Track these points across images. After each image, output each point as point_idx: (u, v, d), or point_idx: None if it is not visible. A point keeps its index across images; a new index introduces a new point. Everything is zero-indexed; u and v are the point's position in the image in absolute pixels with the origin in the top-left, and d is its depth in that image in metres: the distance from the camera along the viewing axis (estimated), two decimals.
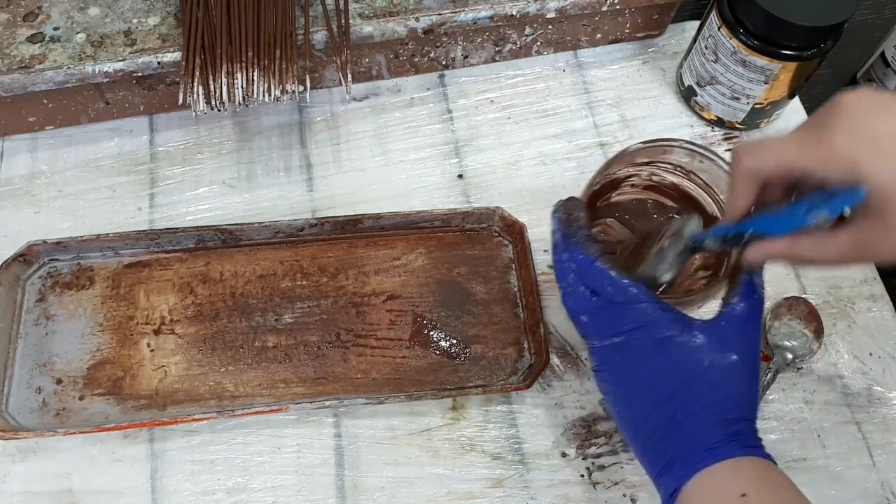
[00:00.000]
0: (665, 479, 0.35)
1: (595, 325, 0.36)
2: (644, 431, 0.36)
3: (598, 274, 0.36)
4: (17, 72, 0.49)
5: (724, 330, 0.35)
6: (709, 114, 0.57)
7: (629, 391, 0.36)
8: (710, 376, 0.34)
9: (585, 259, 0.36)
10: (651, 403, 0.35)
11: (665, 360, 0.35)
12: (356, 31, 0.51)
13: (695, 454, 0.34)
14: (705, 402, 0.34)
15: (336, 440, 0.46)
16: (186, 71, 0.47)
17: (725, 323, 0.36)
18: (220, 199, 0.54)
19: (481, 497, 0.45)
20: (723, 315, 0.36)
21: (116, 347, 0.48)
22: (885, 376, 0.49)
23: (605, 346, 0.36)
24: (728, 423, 0.34)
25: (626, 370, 0.36)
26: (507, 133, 0.57)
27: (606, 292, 0.35)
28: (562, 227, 0.38)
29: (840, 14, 0.47)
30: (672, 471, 0.34)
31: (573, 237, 0.37)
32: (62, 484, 0.45)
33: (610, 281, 0.35)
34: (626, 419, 0.37)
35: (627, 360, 0.36)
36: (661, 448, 0.35)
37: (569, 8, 0.54)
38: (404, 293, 0.50)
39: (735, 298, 0.36)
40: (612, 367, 0.36)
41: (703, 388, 0.34)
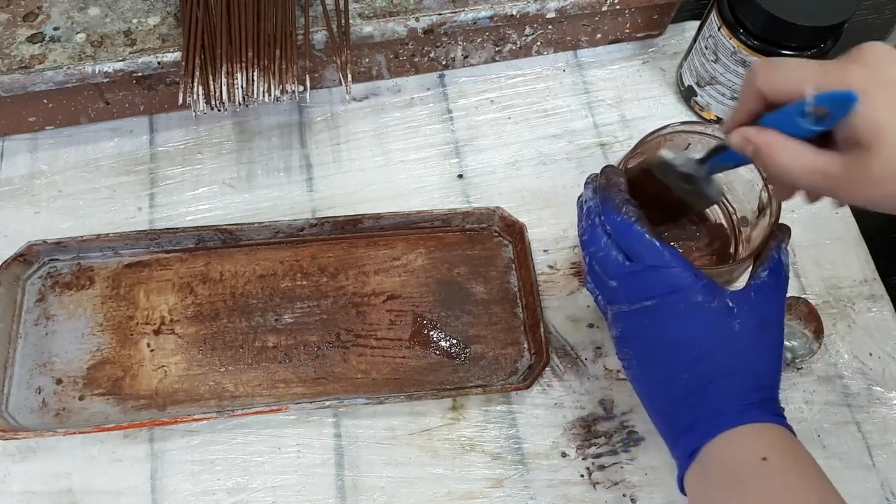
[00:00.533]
0: (685, 439, 0.35)
1: (626, 289, 0.37)
2: (668, 394, 0.36)
3: (635, 236, 0.36)
4: (17, 72, 0.49)
5: (754, 299, 0.36)
6: (709, 114, 0.57)
7: (656, 354, 0.37)
8: (739, 342, 0.35)
9: (624, 221, 0.37)
10: (678, 366, 0.36)
11: (696, 324, 0.35)
12: (356, 31, 0.51)
13: (719, 416, 0.34)
14: (733, 366, 0.35)
15: (336, 440, 0.46)
16: (186, 71, 0.47)
17: (755, 293, 0.36)
18: (220, 199, 0.54)
19: (481, 497, 0.45)
20: (752, 286, 0.37)
21: (116, 347, 0.48)
22: (884, 376, 0.49)
23: (634, 310, 0.37)
24: (754, 389, 0.35)
25: (655, 333, 0.36)
26: (507, 133, 0.57)
27: (642, 255, 0.36)
28: (601, 191, 0.39)
29: (840, 14, 0.47)
30: (694, 431, 0.35)
31: (611, 200, 0.38)
32: (62, 484, 0.45)
33: (647, 244, 0.36)
34: (650, 382, 0.37)
35: (657, 323, 0.36)
36: (684, 409, 0.35)
37: (569, 8, 0.54)
38: (404, 293, 0.50)
39: (764, 272, 0.37)
40: (640, 331, 0.37)
41: (732, 353, 0.35)
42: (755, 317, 0.36)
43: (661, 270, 0.36)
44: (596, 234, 0.38)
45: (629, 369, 0.39)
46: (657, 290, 0.36)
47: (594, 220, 0.39)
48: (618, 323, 0.38)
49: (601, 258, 0.38)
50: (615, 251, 0.37)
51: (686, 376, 0.35)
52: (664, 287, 0.36)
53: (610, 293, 0.38)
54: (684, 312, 0.35)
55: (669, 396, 0.36)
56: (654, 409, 0.38)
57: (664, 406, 0.37)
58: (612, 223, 0.37)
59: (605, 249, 0.37)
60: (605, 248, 0.37)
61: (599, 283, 0.39)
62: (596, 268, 0.39)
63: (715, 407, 0.35)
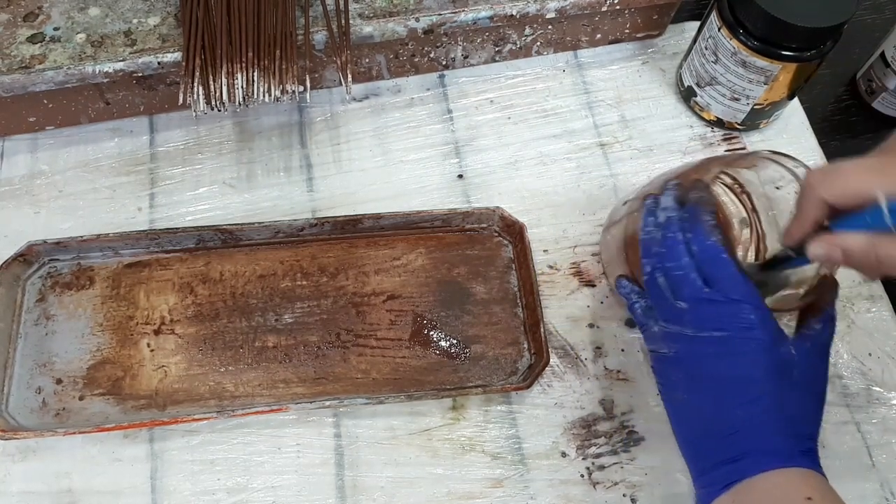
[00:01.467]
0: (724, 470, 0.35)
1: (697, 315, 0.36)
2: (715, 425, 0.36)
3: (723, 266, 0.36)
4: (18, 72, 0.49)
5: (810, 351, 0.37)
6: (708, 114, 0.57)
7: (712, 385, 0.36)
8: (796, 390, 0.36)
9: (715, 246, 0.36)
10: (733, 401, 0.35)
11: (762, 365, 0.35)
12: (356, 31, 0.51)
13: (768, 455, 0.35)
14: (787, 412, 0.35)
15: (336, 440, 0.46)
16: (186, 71, 0.47)
17: (811, 345, 0.37)
18: (221, 199, 0.54)
19: (481, 497, 0.45)
20: (809, 336, 0.37)
21: (116, 347, 0.48)
22: (884, 376, 0.49)
23: (701, 337, 0.36)
24: (804, 437, 0.36)
25: (717, 365, 0.36)
26: (507, 133, 0.57)
27: (725, 286, 0.36)
28: (692, 207, 0.38)
29: (840, 15, 0.47)
30: (738, 464, 0.35)
31: (704, 223, 0.37)
32: (62, 484, 0.45)
33: (733, 276, 0.36)
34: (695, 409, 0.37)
35: (723, 355, 0.36)
36: (730, 443, 0.35)
37: (569, 8, 0.54)
38: (404, 293, 0.50)
39: (818, 325, 0.38)
40: (701, 358, 0.36)
41: (788, 399, 0.35)
42: (811, 368, 0.36)
43: (741, 305, 0.35)
44: (678, 250, 0.37)
45: (671, 391, 0.38)
46: (733, 324, 0.35)
47: (675, 234, 0.38)
48: (674, 343, 0.37)
49: (678, 277, 0.37)
50: (695, 273, 0.36)
51: (740, 412, 0.35)
52: (741, 323, 0.35)
53: (675, 313, 0.37)
54: (752, 351, 0.35)
55: (716, 428, 0.36)
56: (690, 434, 0.38)
57: (704, 434, 0.37)
58: (701, 245, 0.37)
59: (685, 269, 0.37)
60: (686, 268, 0.37)
61: (661, 298, 0.38)
62: (661, 281, 0.38)
63: (766, 446, 0.35)
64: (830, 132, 0.60)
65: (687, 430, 0.38)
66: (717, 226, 0.37)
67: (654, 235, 0.39)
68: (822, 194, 0.33)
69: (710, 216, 0.37)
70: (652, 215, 0.40)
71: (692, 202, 0.38)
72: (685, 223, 0.38)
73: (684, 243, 0.37)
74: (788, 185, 0.42)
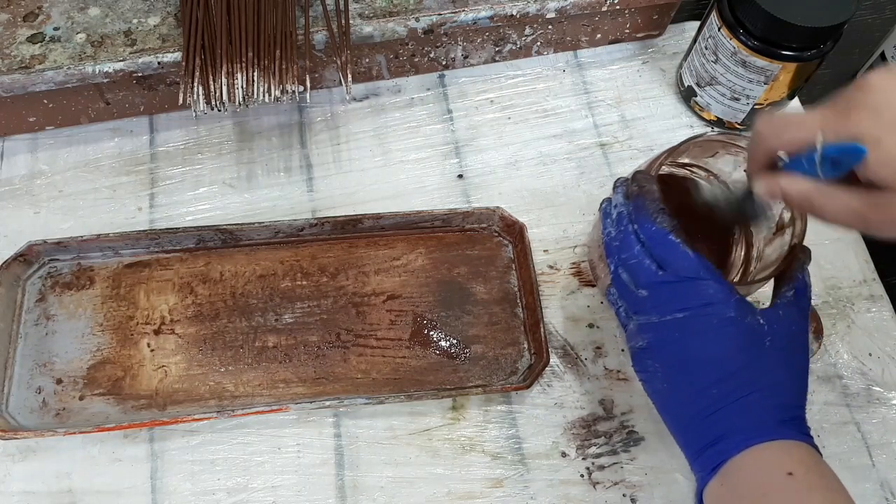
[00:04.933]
0: (709, 453, 0.35)
1: (657, 299, 0.37)
2: (694, 407, 0.36)
3: (671, 247, 0.36)
4: (18, 72, 0.49)
5: (783, 318, 0.36)
6: (709, 114, 0.57)
7: (685, 367, 0.36)
8: (770, 359, 0.35)
9: (659, 230, 0.37)
10: (707, 380, 0.35)
11: (728, 339, 0.35)
12: (356, 31, 0.51)
13: (748, 431, 0.34)
14: (764, 383, 0.35)
15: (336, 440, 0.46)
16: (186, 71, 0.47)
17: (783, 313, 0.37)
18: (221, 199, 0.54)
19: (481, 497, 0.45)
20: (780, 304, 0.37)
21: (116, 347, 0.48)
22: (884, 376, 0.49)
23: (664, 321, 0.36)
24: (784, 407, 0.35)
25: (685, 346, 0.36)
26: (507, 133, 0.57)
27: (677, 266, 0.36)
28: (635, 198, 0.39)
29: (840, 15, 0.47)
30: (719, 445, 0.35)
31: (646, 209, 0.38)
32: (62, 484, 0.45)
33: (683, 255, 0.36)
34: (676, 396, 0.37)
35: (689, 335, 0.36)
36: (711, 424, 0.35)
37: (569, 8, 0.54)
38: (404, 293, 0.50)
39: (790, 292, 0.38)
40: (670, 343, 0.37)
41: (763, 370, 0.35)
42: (784, 335, 0.36)
43: (696, 282, 0.36)
44: (629, 241, 0.38)
45: (651, 382, 0.38)
46: (691, 302, 0.36)
47: (626, 226, 0.38)
48: (645, 334, 0.38)
49: (633, 266, 0.38)
50: (648, 260, 0.37)
51: (715, 391, 0.35)
52: (699, 300, 0.35)
53: (638, 303, 0.38)
54: (718, 327, 0.35)
55: (695, 410, 0.36)
56: (677, 423, 0.38)
57: (688, 420, 0.37)
58: (647, 232, 0.37)
59: (638, 257, 0.37)
60: (638, 256, 0.37)
61: (626, 292, 0.38)
62: (623, 276, 0.38)
63: (744, 423, 0.35)
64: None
65: (673, 419, 0.38)
66: (661, 210, 0.37)
67: (612, 235, 0.40)
68: (770, 143, 0.33)
69: (654, 202, 0.38)
70: (608, 217, 0.41)
71: (634, 193, 0.39)
72: (632, 214, 0.38)
73: (634, 233, 0.38)
74: None
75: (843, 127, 0.30)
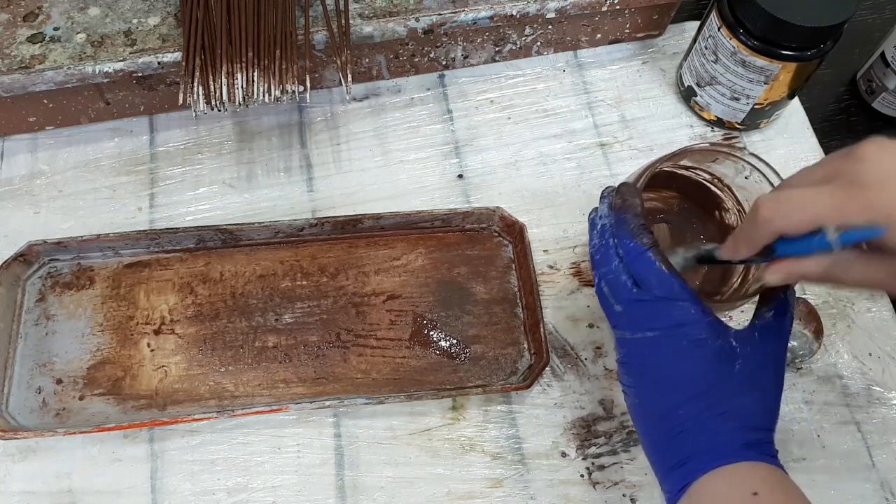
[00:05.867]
0: (676, 475, 0.35)
1: (630, 316, 0.36)
2: (662, 427, 0.36)
3: (647, 265, 0.36)
4: (18, 72, 0.49)
5: (757, 339, 0.36)
6: (708, 114, 0.57)
7: (654, 386, 0.36)
8: (738, 383, 0.35)
9: (637, 247, 0.36)
10: (674, 401, 0.35)
11: (697, 361, 0.35)
12: (356, 31, 0.51)
13: (712, 453, 0.34)
14: (730, 406, 0.35)
15: (336, 440, 0.46)
16: (186, 71, 0.47)
17: (759, 334, 0.36)
18: (221, 199, 0.54)
19: (481, 497, 0.45)
20: (757, 326, 0.37)
21: (116, 347, 0.48)
22: (884, 376, 0.49)
23: (636, 339, 0.36)
24: (749, 429, 0.35)
25: (654, 366, 0.36)
26: (507, 133, 0.57)
27: (651, 285, 0.35)
28: (616, 212, 0.38)
29: (840, 14, 0.47)
30: (685, 467, 0.34)
31: (627, 224, 0.37)
32: (62, 484, 0.45)
33: (658, 274, 0.35)
34: (646, 413, 0.37)
35: (658, 355, 0.36)
36: (678, 445, 0.35)
37: (569, 8, 0.54)
38: (404, 293, 0.50)
39: (769, 313, 0.37)
40: (640, 361, 0.36)
41: (730, 393, 0.35)
42: (756, 358, 0.35)
43: (669, 302, 0.35)
44: (608, 255, 0.37)
45: (628, 396, 0.38)
46: (661, 322, 0.35)
47: (608, 240, 0.38)
48: (620, 349, 0.37)
49: (611, 280, 0.37)
50: (625, 276, 0.36)
51: (682, 412, 0.35)
52: (669, 320, 0.35)
53: (615, 317, 0.37)
54: (686, 349, 0.35)
55: (663, 430, 0.36)
56: (648, 441, 0.37)
57: (657, 438, 0.36)
58: (625, 248, 0.37)
59: (615, 272, 0.37)
60: (616, 272, 0.37)
61: (606, 304, 0.38)
62: (605, 289, 0.38)
63: (708, 445, 0.34)
64: (830, 132, 0.60)
65: (644, 436, 0.38)
66: (641, 226, 0.37)
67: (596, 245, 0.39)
68: (777, 226, 0.32)
69: (635, 218, 0.37)
70: (594, 227, 0.40)
71: (617, 206, 0.38)
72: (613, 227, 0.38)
73: (614, 247, 0.37)
74: (752, 173, 0.42)
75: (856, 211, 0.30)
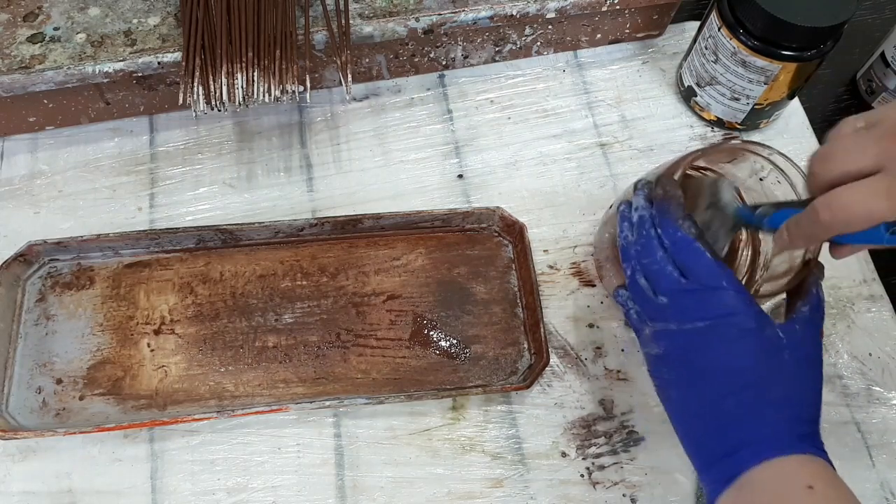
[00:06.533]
0: (724, 464, 0.35)
1: (678, 307, 0.36)
2: (709, 418, 0.36)
3: (696, 254, 0.36)
4: (18, 72, 0.49)
5: (799, 332, 0.36)
6: (708, 114, 0.57)
7: (702, 377, 0.36)
8: (788, 373, 0.35)
9: (685, 237, 0.36)
10: (724, 391, 0.35)
11: (749, 351, 0.35)
12: (356, 31, 0.51)
13: (764, 443, 0.34)
14: (782, 396, 0.35)
15: (336, 440, 0.46)
16: (186, 71, 0.47)
17: (799, 327, 0.36)
18: (221, 199, 0.54)
19: (481, 497, 0.45)
20: (796, 319, 0.37)
21: (116, 347, 0.48)
22: (884, 376, 0.49)
23: (684, 329, 0.36)
24: (801, 421, 0.35)
25: (705, 356, 0.36)
26: (507, 133, 0.57)
27: (700, 274, 0.36)
28: (659, 203, 0.38)
29: (840, 15, 0.47)
30: (735, 457, 0.34)
31: (670, 214, 0.37)
32: (62, 484, 0.45)
33: (707, 263, 0.36)
34: (690, 404, 0.37)
35: (709, 345, 0.35)
36: (726, 435, 0.35)
37: (569, 8, 0.54)
38: (404, 293, 0.50)
39: (805, 307, 0.37)
40: (686, 351, 0.36)
41: (780, 383, 0.35)
42: (801, 350, 0.36)
43: (719, 292, 0.35)
44: (651, 247, 0.37)
45: (665, 389, 0.38)
46: (712, 311, 0.35)
47: (648, 231, 0.38)
48: (661, 341, 0.37)
49: (655, 272, 0.37)
50: (671, 266, 0.36)
51: (732, 402, 0.35)
52: (720, 309, 0.35)
53: (657, 310, 0.37)
54: (738, 337, 0.35)
55: (710, 420, 0.36)
56: (689, 432, 0.37)
57: (702, 429, 0.36)
58: (672, 238, 0.37)
59: (661, 263, 0.37)
60: (661, 262, 0.37)
61: (644, 297, 0.38)
62: (641, 281, 0.38)
63: (760, 435, 0.34)
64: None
65: (686, 428, 0.38)
66: (686, 216, 0.37)
67: (630, 238, 0.39)
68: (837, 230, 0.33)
69: (679, 208, 0.37)
70: (626, 220, 0.40)
71: (659, 198, 0.38)
72: (655, 219, 0.38)
73: (657, 238, 0.37)
74: (769, 174, 0.42)
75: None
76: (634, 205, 0.40)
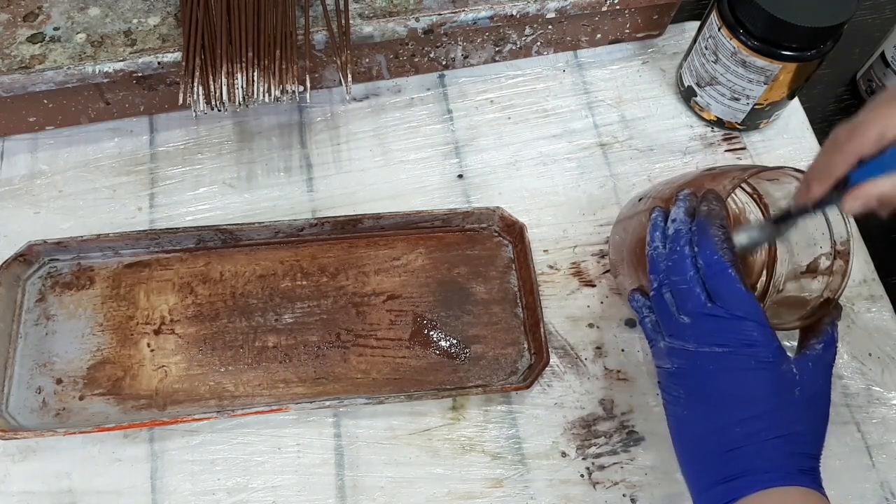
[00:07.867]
0: (721, 489, 0.35)
1: (699, 330, 0.36)
2: (713, 441, 0.36)
3: (728, 282, 0.35)
4: (18, 72, 0.49)
5: (811, 370, 0.36)
6: (708, 114, 0.57)
7: (710, 400, 0.36)
8: (797, 409, 0.35)
9: (721, 262, 0.36)
10: (733, 418, 0.35)
11: (761, 382, 0.35)
12: (356, 31, 0.51)
13: (765, 473, 0.34)
14: (787, 430, 0.35)
15: (336, 440, 0.46)
16: (186, 71, 0.47)
17: (812, 364, 0.37)
18: (221, 199, 0.54)
19: (481, 497, 0.45)
20: (809, 356, 0.37)
21: (116, 347, 0.48)
22: (884, 376, 0.49)
23: (701, 352, 0.36)
24: (804, 456, 0.35)
25: (716, 380, 0.36)
26: (507, 133, 0.57)
27: (729, 303, 0.35)
28: (701, 221, 0.37)
29: (840, 15, 0.47)
30: (734, 483, 0.34)
31: (712, 236, 0.36)
32: (62, 484, 0.45)
33: (738, 293, 0.35)
34: (695, 425, 0.37)
35: (722, 371, 0.35)
36: (729, 461, 0.35)
37: (569, 8, 0.54)
38: (404, 293, 0.50)
39: (819, 345, 0.38)
40: (699, 374, 0.36)
41: (788, 417, 0.35)
42: (812, 387, 0.36)
43: (743, 322, 0.35)
44: (683, 265, 0.37)
45: (673, 406, 0.38)
46: (734, 339, 0.35)
47: (683, 248, 0.37)
48: (676, 358, 0.37)
49: (682, 291, 0.37)
50: (699, 288, 0.36)
51: (738, 429, 0.35)
52: (742, 339, 0.35)
53: (677, 327, 0.37)
54: (754, 368, 0.35)
55: (714, 444, 0.36)
56: (689, 452, 0.37)
57: (704, 452, 0.36)
58: (708, 260, 0.36)
59: (690, 284, 0.36)
60: (690, 283, 0.36)
61: (665, 313, 0.38)
62: (666, 296, 0.37)
63: (762, 465, 0.34)
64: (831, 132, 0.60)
65: (688, 447, 0.37)
66: (727, 240, 0.36)
67: (661, 251, 0.38)
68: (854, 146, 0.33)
69: (721, 230, 0.36)
70: (658, 230, 0.39)
71: (702, 215, 0.37)
72: (693, 236, 0.37)
73: (691, 257, 0.37)
74: None
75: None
76: (672, 216, 0.39)
